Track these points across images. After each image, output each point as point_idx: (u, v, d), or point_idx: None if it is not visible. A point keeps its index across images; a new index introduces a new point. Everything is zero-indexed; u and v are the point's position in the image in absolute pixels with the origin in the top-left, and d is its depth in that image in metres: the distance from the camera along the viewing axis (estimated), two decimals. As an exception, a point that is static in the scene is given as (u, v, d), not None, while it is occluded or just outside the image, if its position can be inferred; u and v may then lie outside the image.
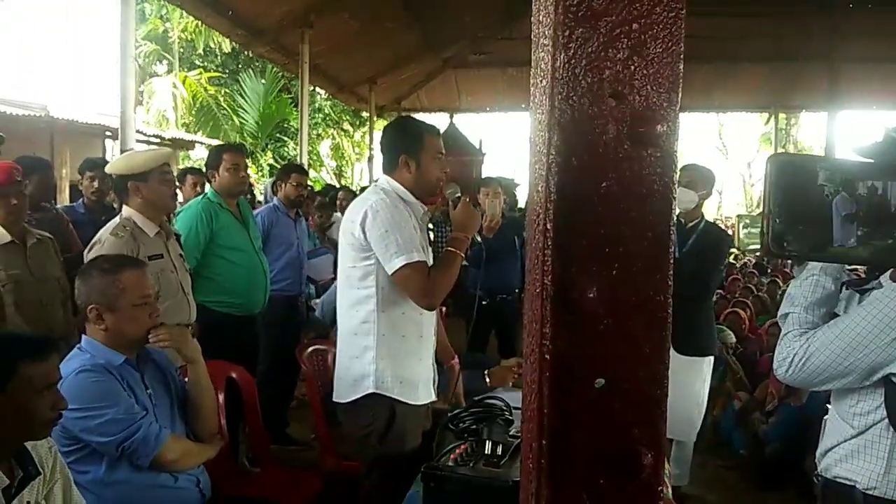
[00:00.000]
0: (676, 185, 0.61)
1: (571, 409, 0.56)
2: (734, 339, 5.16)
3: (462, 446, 1.60)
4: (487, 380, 2.78)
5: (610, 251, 0.57)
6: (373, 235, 2.12)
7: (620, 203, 0.58)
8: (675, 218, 0.62)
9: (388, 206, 2.14)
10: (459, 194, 2.34)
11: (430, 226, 6.18)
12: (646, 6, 0.58)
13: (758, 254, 9.41)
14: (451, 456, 1.63)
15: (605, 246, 0.57)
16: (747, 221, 11.33)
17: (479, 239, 2.32)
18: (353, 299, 2.22)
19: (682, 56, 0.60)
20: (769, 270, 9.15)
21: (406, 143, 2.26)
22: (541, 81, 0.59)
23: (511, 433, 1.70)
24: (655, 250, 0.59)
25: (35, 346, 1.48)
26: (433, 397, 2.34)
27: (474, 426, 1.57)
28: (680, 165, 1.33)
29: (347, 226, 2.25)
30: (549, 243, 0.54)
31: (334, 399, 2.32)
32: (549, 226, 0.54)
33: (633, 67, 0.58)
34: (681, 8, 0.60)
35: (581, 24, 0.58)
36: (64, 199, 7.49)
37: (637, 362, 0.59)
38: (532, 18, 0.65)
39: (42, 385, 1.46)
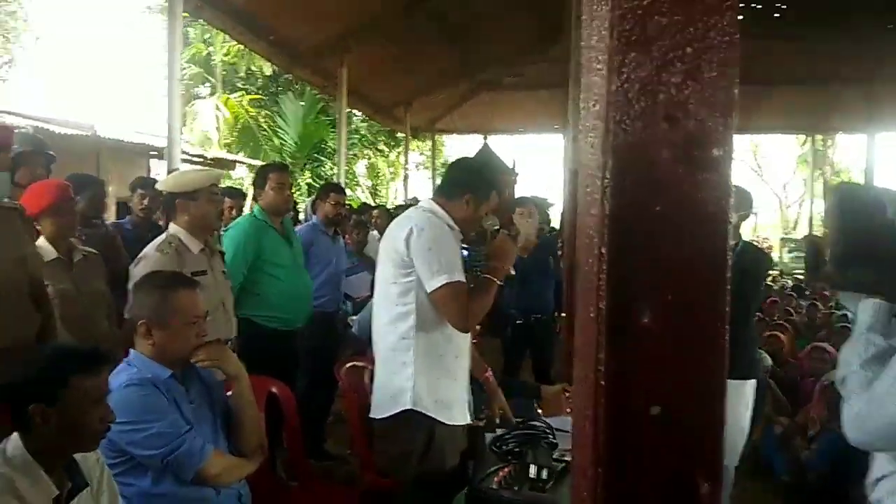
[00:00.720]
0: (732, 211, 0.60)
1: (627, 437, 0.56)
2: (771, 362, 5.05)
3: (505, 469, 1.58)
4: (539, 410, 2.74)
5: (665, 276, 0.57)
6: (417, 252, 2.13)
7: (675, 227, 0.58)
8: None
9: (434, 226, 2.17)
10: (498, 227, 2.39)
11: (465, 246, 6.20)
12: (700, 30, 0.58)
13: (810, 282, 9.16)
14: (495, 479, 1.62)
15: (661, 271, 0.57)
16: (792, 245, 11.07)
17: (512, 272, 2.33)
18: (393, 315, 2.23)
19: (737, 79, 0.60)
20: (807, 293, 8.93)
21: (478, 186, 2.31)
22: (593, 105, 0.59)
23: (555, 457, 1.68)
24: (711, 275, 0.59)
25: (87, 360, 1.52)
26: (468, 419, 2.33)
27: (518, 449, 1.55)
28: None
29: (389, 242, 2.26)
30: (604, 267, 0.54)
31: (371, 415, 2.33)
32: (603, 250, 0.54)
33: (687, 91, 0.59)
34: (734, 32, 0.60)
35: (634, 48, 0.58)
36: (110, 216, 7.70)
37: (694, 389, 0.58)
38: (583, 43, 0.66)
39: (93, 398, 1.50)
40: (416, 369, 2.17)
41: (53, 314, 2.59)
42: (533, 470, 1.52)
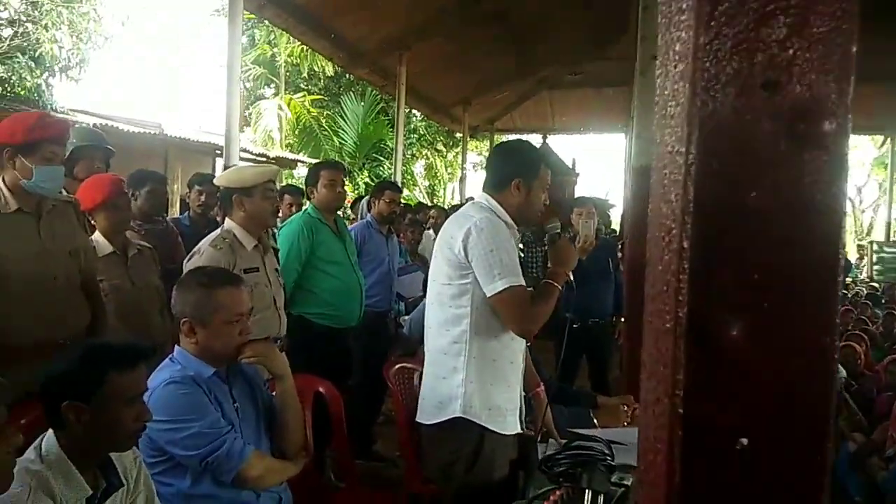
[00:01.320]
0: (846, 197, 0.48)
1: (708, 475, 0.45)
2: (845, 375, 4.74)
3: (557, 492, 1.45)
4: (595, 420, 2.62)
5: (760, 278, 0.45)
6: (475, 253, 2.04)
7: (775, 218, 0.46)
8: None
9: (494, 226, 2.08)
10: (559, 230, 2.29)
11: (521, 246, 6.07)
12: (808, -25, 0.46)
13: None
14: (545, 503, 1.49)
15: (755, 271, 0.45)
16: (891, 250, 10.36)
17: (570, 278, 2.22)
18: (445, 318, 2.16)
19: (854, 36, 0.48)
20: (884, 301, 8.42)
21: (522, 167, 2.20)
22: (674, 67, 0.48)
23: (614, 480, 1.54)
24: (820, 278, 0.47)
25: (124, 357, 1.48)
26: (521, 428, 2.23)
27: (571, 470, 1.43)
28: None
29: (446, 241, 2.16)
30: (685, 266, 0.43)
31: (418, 419, 2.26)
32: (684, 244, 0.43)
33: (792, 50, 0.47)
34: (851, -22, 0.48)
35: (726, -2, 0.47)
36: (174, 212, 7.90)
37: (793, 419, 0.47)
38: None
39: (129, 396, 1.46)
40: (468, 375, 2.09)
41: (104, 308, 2.61)
42: (588, 496, 1.39)
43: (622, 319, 5.23)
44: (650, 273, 0.51)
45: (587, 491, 1.37)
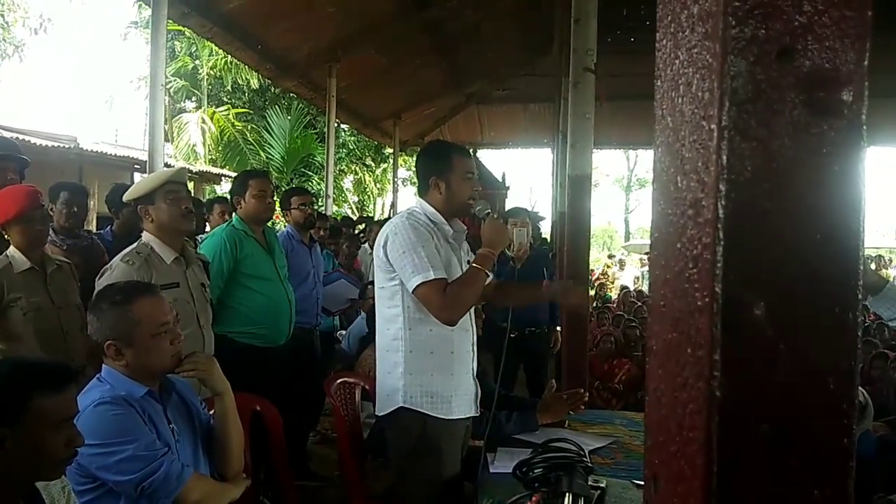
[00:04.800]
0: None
1: (742, 463, 0.42)
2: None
3: (534, 497, 1.41)
4: (540, 420, 2.63)
5: (786, 250, 0.43)
6: (394, 256, 2.20)
7: (791, 190, 0.44)
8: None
9: (406, 228, 2.21)
10: (489, 210, 2.32)
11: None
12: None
13: None
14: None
15: (781, 243, 0.43)
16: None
17: (509, 254, 2.26)
18: (385, 317, 2.30)
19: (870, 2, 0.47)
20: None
21: (435, 166, 2.32)
22: (689, 31, 0.46)
23: (592, 483, 1.52)
24: (840, 254, 0.45)
25: (51, 376, 1.35)
26: (472, 412, 2.34)
27: (549, 475, 1.39)
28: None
29: (376, 249, 2.33)
30: (720, 238, 0.40)
31: (375, 412, 2.38)
32: (720, 214, 0.40)
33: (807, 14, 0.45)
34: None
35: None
36: (90, 228, 7.51)
37: (818, 399, 0.45)
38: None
39: (57, 419, 1.33)
40: (406, 368, 2.23)
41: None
42: (568, 500, 1.36)
43: (558, 328, 5.31)
44: (664, 253, 0.48)
45: (567, 494, 1.34)
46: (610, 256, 19.04)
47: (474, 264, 2.19)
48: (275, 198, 3.74)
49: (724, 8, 0.41)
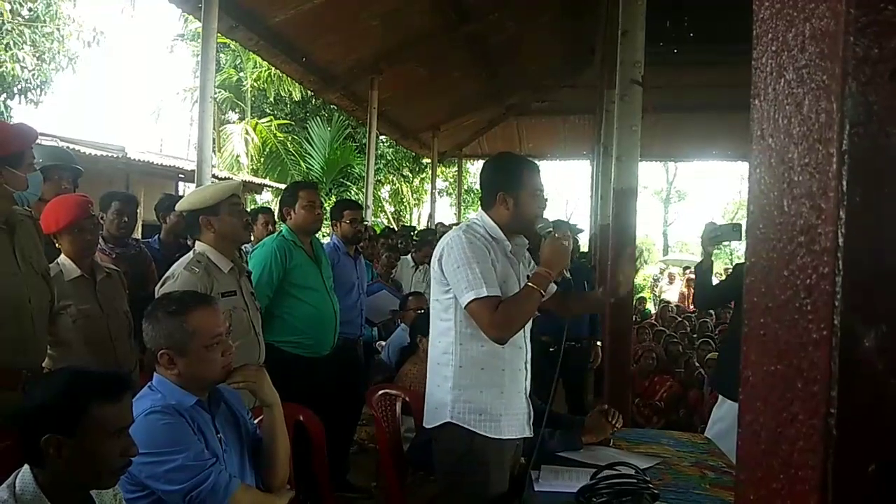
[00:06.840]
0: None
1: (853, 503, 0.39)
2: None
3: None
4: (584, 439, 2.57)
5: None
6: (448, 270, 2.19)
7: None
8: None
9: (462, 243, 2.18)
10: (550, 229, 2.23)
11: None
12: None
13: None
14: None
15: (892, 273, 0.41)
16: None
17: (568, 275, 2.20)
18: (438, 330, 2.29)
19: None
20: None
21: (504, 180, 2.26)
22: (798, 50, 0.43)
23: None
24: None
25: (108, 386, 1.37)
26: (524, 433, 2.29)
27: (615, 501, 1.36)
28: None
29: (433, 262, 2.31)
30: (840, 267, 0.38)
31: (423, 423, 2.36)
32: (839, 242, 0.38)
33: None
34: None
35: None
36: (137, 236, 7.68)
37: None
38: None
39: (114, 428, 1.34)
40: (455, 383, 2.21)
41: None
42: None
43: (598, 343, 5.24)
44: (764, 280, 0.46)
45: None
46: (661, 271, 18.58)
47: (530, 283, 2.13)
48: (324, 209, 3.79)
49: (846, 28, 0.39)
